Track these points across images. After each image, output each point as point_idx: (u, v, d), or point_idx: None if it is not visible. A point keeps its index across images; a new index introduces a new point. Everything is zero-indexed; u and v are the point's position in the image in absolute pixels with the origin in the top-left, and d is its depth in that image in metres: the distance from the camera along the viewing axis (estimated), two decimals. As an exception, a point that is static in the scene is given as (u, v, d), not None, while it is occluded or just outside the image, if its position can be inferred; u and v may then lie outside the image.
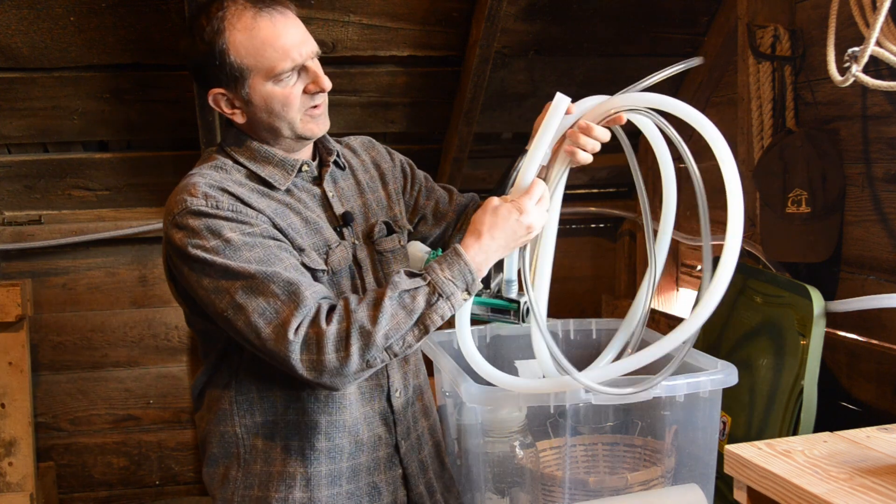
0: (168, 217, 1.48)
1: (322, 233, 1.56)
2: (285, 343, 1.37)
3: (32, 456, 2.73)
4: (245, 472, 1.56)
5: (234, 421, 1.56)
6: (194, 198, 1.45)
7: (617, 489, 1.64)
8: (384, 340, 1.37)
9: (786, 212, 2.00)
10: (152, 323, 2.97)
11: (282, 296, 1.39)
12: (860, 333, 1.95)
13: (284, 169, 1.56)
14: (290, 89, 1.51)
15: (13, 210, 2.79)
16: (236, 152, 1.56)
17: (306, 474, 1.54)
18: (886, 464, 1.25)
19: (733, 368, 1.63)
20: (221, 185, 1.48)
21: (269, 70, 1.48)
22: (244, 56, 1.47)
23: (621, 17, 2.58)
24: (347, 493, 1.57)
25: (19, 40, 2.31)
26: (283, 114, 1.52)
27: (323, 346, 1.36)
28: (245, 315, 1.39)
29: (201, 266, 1.42)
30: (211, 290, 1.42)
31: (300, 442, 1.54)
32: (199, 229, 1.43)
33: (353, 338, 1.36)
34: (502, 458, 1.71)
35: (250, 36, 1.47)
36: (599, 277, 3.30)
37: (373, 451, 1.60)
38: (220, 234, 1.43)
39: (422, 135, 2.88)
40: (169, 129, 2.67)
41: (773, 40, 2.09)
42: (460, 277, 1.41)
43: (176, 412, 3.00)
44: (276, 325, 1.38)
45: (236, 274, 1.40)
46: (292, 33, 1.50)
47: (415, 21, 2.47)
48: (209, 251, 1.41)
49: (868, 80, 1.60)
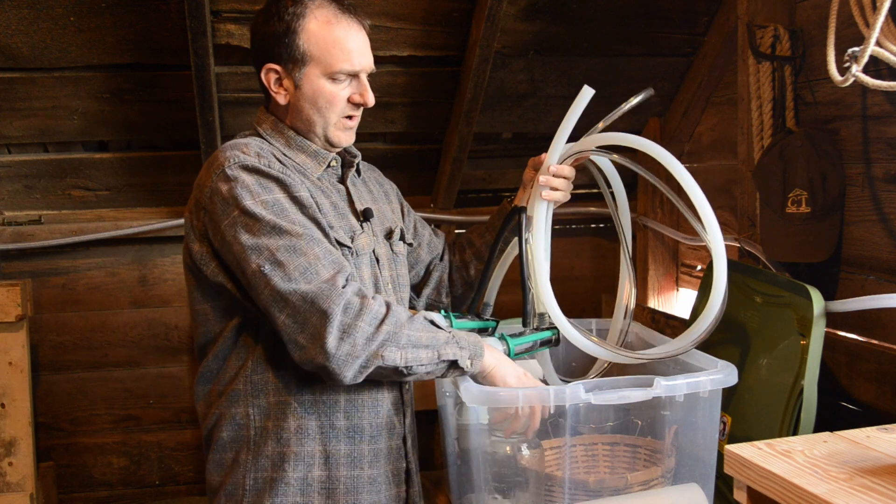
0: (215, 171, 1.52)
1: (348, 219, 1.63)
2: (335, 294, 1.42)
3: (32, 456, 2.73)
4: (255, 454, 1.56)
5: (246, 401, 1.57)
6: (247, 155, 1.52)
7: (617, 489, 1.64)
8: (406, 340, 1.45)
9: (786, 212, 2.00)
10: (152, 323, 2.97)
11: (324, 260, 1.45)
12: (860, 333, 1.95)
13: (317, 160, 1.64)
14: (339, 91, 1.59)
15: (13, 210, 2.79)
16: (272, 137, 1.63)
17: (325, 452, 1.56)
18: (886, 464, 1.25)
19: (733, 368, 1.63)
20: (271, 151, 1.57)
21: (328, 65, 1.57)
22: (313, 44, 1.56)
23: (621, 17, 2.58)
24: (369, 477, 1.58)
25: (19, 40, 2.31)
26: (324, 111, 1.60)
27: (362, 314, 1.42)
28: (284, 271, 1.43)
29: (246, 220, 1.45)
30: (249, 247, 1.44)
31: (318, 421, 1.56)
32: (250, 183, 1.48)
33: (388, 322, 1.43)
34: (503, 458, 1.71)
35: (325, 30, 1.56)
36: (599, 277, 3.30)
37: (389, 438, 1.62)
38: (270, 191, 1.49)
39: (422, 135, 2.88)
40: (169, 129, 2.67)
41: (773, 40, 2.09)
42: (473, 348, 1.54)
43: (176, 412, 3.00)
44: (319, 283, 1.42)
45: (282, 232, 1.44)
46: (360, 43, 1.60)
47: (415, 21, 2.47)
48: (258, 204, 1.46)
49: (868, 80, 1.60)
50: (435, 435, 2.96)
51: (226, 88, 2.52)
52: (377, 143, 2.86)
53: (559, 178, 1.71)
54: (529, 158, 1.84)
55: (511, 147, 2.99)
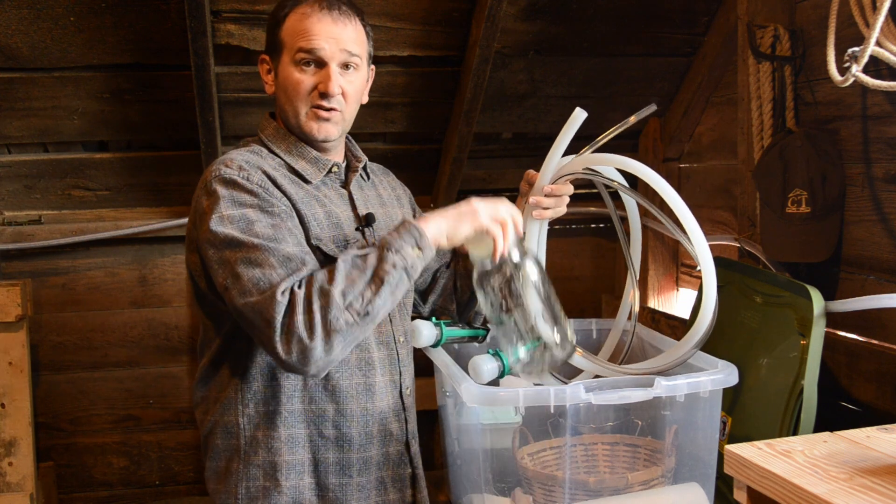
0: (202, 185, 1.54)
1: (342, 228, 1.61)
2: (273, 303, 1.37)
3: (32, 456, 2.73)
4: (245, 463, 1.56)
5: (237, 410, 1.57)
6: (228, 168, 1.52)
7: (617, 489, 1.64)
8: (342, 298, 1.37)
9: (786, 212, 2.00)
10: (152, 323, 2.97)
11: (279, 268, 1.42)
12: (860, 333, 1.95)
13: (317, 166, 1.63)
14: (304, 78, 1.59)
15: (13, 210, 2.79)
16: (273, 143, 1.62)
17: (314, 460, 1.56)
18: (886, 464, 1.25)
19: (733, 368, 1.63)
20: (258, 163, 1.56)
21: (292, 47, 1.58)
22: (287, 33, 1.59)
23: (621, 17, 2.58)
24: (358, 485, 1.58)
25: (19, 40, 2.31)
26: (292, 98, 1.60)
27: (294, 308, 1.37)
28: (240, 284, 1.41)
29: (213, 234, 1.46)
30: (215, 261, 1.45)
31: (307, 430, 1.56)
32: (223, 196, 1.48)
33: (314, 298, 1.37)
34: (503, 458, 1.71)
35: (300, 19, 1.58)
36: (599, 277, 3.30)
37: (383, 445, 1.61)
38: (240, 206, 1.48)
39: (422, 135, 2.88)
40: (169, 129, 2.67)
41: (773, 40, 2.09)
42: (407, 234, 1.45)
43: (176, 412, 3.00)
44: (265, 292, 1.39)
45: (240, 245, 1.43)
46: (331, 31, 1.58)
47: (415, 21, 2.47)
48: (224, 220, 1.46)
49: (868, 80, 1.60)
50: (435, 435, 2.96)
51: (226, 88, 2.52)
52: (377, 143, 2.85)
53: (551, 198, 1.71)
54: (527, 170, 1.82)
55: (511, 147, 2.99)
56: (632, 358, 1.93)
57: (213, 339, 1.60)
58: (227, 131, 2.63)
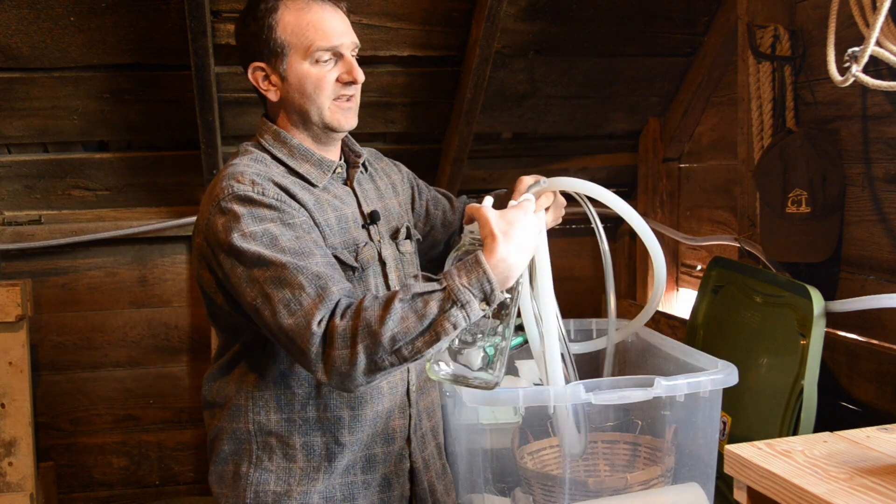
0: (212, 203, 1.50)
1: (351, 232, 1.60)
2: (308, 334, 1.35)
3: (32, 456, 2.73)
4: (257, 468, 1.56)
5: (247, 417, 1.57)
6: (241, 184, 1.49)
7: (617, 489, 1.64)
8: (391, 343, 1.32)
9: (786, 212, 2.00)
10: (152, 323, 2.97)
11: (308, 288, 1.39)
12: (860, 333, 1.95)
13: (321, 168, 1.61)
14: (325, 73, 1.57)
15: (13, 210, 2.79)
16: (274, 148, 1.60)
17: (330, 468, 1.56)
18: (886, 464, 1.25)
19: (733, 368, 1.63)
20: (268, 174, 1.53)
21: (307, 48, 1.55)
22: (289, 34, 1.56)
23: (621, 17, 2.58)
24: (363, 482, 1.59)
25: (19, 40, 2.31)
26: (314, 96, 1.57)
27: (334, 341, 1.34)
28: (271, 305, 1.39)
29: (237, 253, 1.44)
30: (243, 279, 1.43)
31: (323, 438, 1.56)
32: (242, 215, 1.46)
33: (360, 336, 1.33)
34: (503, 458, 1.71)
35: (298, 16, 1.56)
36: (599, 277, 3.28)
37: (387, 443, 1.62)
38: (261, 221, 1.45)
39: (422, 135, 2.88)
40: (169, 129, 2.67)
41: (773, 40, 2.09)
42: (477, 286, 1.33)
43: (176, 412, 3.00)
44: (298, 317, 1.37)
45: (268, 263, 1.41)
46: (337, 22, 1.58)
47: (415, 21, 2.47)
48: (247, 237, 1.43)
49: (868, 80, 1.60)
50: (435, 435, 2.96)
51: (226, 88, 2.52)
52: (377, 143, 2.85)
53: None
54: (523, 173, 1.78)
55: (511, 147, 2.99)
56: (632, 359, 1.93)
57: (230, 347, 1.61)
58: (226, 131, 2.63)
